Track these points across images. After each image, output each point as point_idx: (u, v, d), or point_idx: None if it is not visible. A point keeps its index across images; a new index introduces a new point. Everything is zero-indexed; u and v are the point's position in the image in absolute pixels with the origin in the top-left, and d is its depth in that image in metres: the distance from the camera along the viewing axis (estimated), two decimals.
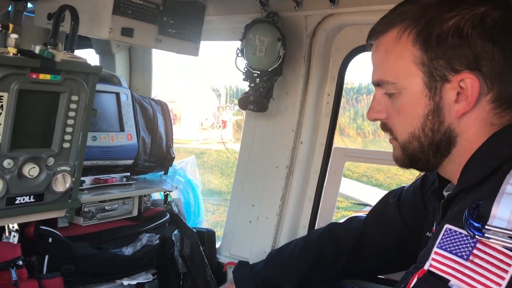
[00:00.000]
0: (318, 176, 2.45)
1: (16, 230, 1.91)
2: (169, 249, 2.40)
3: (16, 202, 1.70)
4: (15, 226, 1.91)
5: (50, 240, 1.97)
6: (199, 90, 24.88)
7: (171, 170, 2.71)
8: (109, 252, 2.17)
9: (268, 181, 2.48)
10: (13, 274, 1.78)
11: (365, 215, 1.99)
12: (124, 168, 2.42)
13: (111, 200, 2.23)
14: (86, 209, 2.12)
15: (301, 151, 2.43)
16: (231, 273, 2.09)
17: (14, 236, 1.91)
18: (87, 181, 2.20)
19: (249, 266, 2.05)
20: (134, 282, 2.28)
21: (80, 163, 1.87)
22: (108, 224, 2.24)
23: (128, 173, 2.42)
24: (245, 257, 2.46)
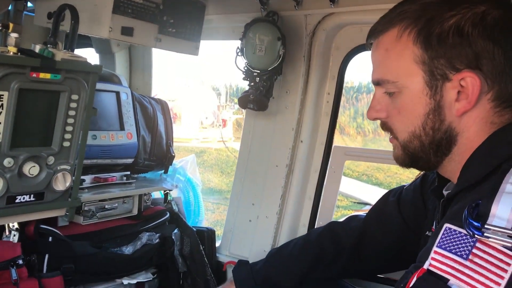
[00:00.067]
0: (318, 175, 2.45)
1: (16, 229, 1.92)
2: (169, 248, 2.40)
3: (16, 201, 1.71)
4: (15, 225, 1.92)
5: (50, 239, 1.98)
6: (199, 89, 24.86)
7: (171, 169, 2.71)
8: (109, 251, 2.17)
9: (268, 180, 2.48)
10: (13, 273, 1.78)
11: (365, 214, 1.99)
12: (124, 167, 2.42)
13: (111, 199, 2.23)
14: (86, 208, 2.12)
15: (301, 150, 2.43)
16: (231, 272, 2.09)
17: (14, 235, 1.91)
18: (87, 180, 2.21)
19: (249, 265, 2.05)
20: (134, 281, 2.28)
21: (80, 162, 1.87)
22: (108, 223, 2.24)
23: (128, 172, 2.42)
24: (245, 256, 2.46)
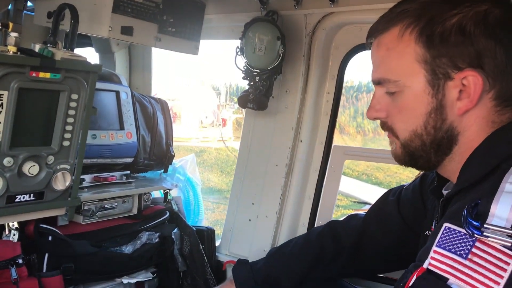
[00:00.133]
0: (318, 174, 2.45)
1: (16, 228, 1.92)
2: (169, 248, 2.40)
3: (16, 200, 1.71)
4: (15, 224, 1.91)
5: (50, 239, 1.97)
6: (199, 89, 24.86)
7: (171, 168, 2.70)
8: (109, 251, 2.18)
9: (268, 179, 2.48)
10: (13, 273, 1.78)
11: (365, 213, 1.99)
12: (124, 166, 2.42)
13: (111, 198, 2.23)
14: (86, 207, 2.12)
15: (301, 149, 2.43)
16: (231, 272, 2.09)
17: (14, 234, 1.91)
18: (87, 179, 2.21)
19: (249, 265, 2.04)
20: (134, 281, 2.28)
21: (80, 161, 1.87)
22: (108, 223, 2.24)
23: (128, 171, 2.42)
24: (245, 256, 2.45)
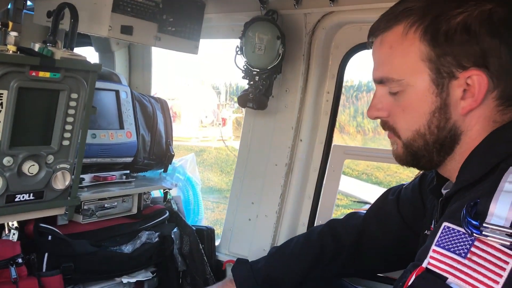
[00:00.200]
0: (318, 174, 2.45)
1: (16, 228, 1.91)
2: (169, 247, 2.40)
3: (16, 200, 1.71)
4: (15, 224, 1.91)
5: (50, 238, 1.98)
6: (199, 88, 24.85)
7: (171, 168, 2.71)
8: (109, 250, 2.18)
9: (268, 179, 2.48)
10: (13, 272, 1.78)
11: (365, 212, 1.99)
12: (124, 166, 2.42)
13: (111, 198, 2.23)
14: (86, 207, 2.12)
15: (301, 149, 2.44)
16: (230, 271, 2.09)
17: (14, 234, 1.91)
18: (87, 179, 2.21)
19: (249, 264, 2.02)
20: (134, 280, 2.28)
21: (80, 161, 1.87)
22: (108, 222, 2.24)
23: (128, 171, 2.42)
24: (244, 255, 2.45)
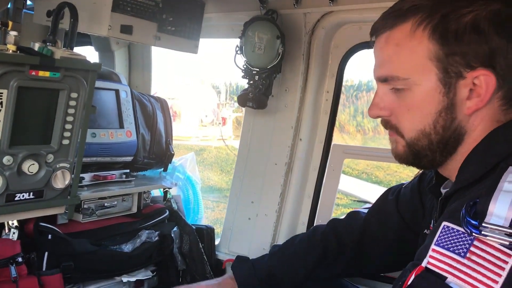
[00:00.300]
0: (317, 173, 2.45)
1: (16, 227, 1.92)
2: (168, 246, 2.41)
3: (16, 199, 1.71)
4: (15, 223, 1.91)
5: (50, 237, 1.98)
6: (199, 88, 24.83)
7: (171, 167, 2.70)
8: (109, 249, 2.18)
9: (267, 178, 2.49)
10: (13, 271, 1.78)
11: (366, 211, 1.98)
12: (124, 165, 2.42)
13: (111, 197, 2.23)
14: (86, 206, 2.12)
15: (300, 148, 2.44)
16: (230, 270, 2.08)
17: (14, 233, 1.91)
18: (87, 178, 2.21)
19: (250, 262, 2.00)
20: (133, 279, 2.29)
21: (80, 160, 1.88)
22: (108, 221, 2.24)
23: (128, 170, 2.42)
24: (244, 254, 2.42)
